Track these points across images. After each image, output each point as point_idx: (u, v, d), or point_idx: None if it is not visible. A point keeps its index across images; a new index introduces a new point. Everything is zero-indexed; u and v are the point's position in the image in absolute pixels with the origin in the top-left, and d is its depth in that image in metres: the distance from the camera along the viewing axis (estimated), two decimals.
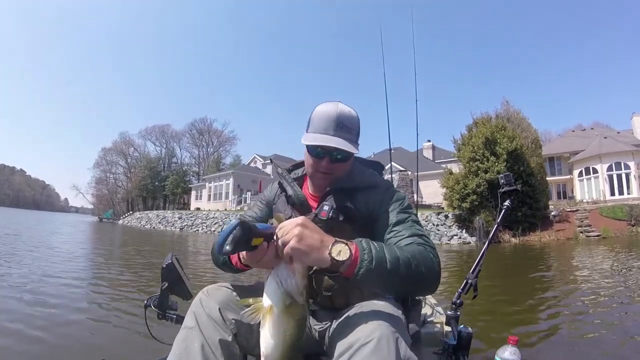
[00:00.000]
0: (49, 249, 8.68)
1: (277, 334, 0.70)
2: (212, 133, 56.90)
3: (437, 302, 1.73)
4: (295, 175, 1.13)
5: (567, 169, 26.83)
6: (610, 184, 23.04)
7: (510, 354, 1.11)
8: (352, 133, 0.97)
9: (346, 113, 0.97)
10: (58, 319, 3.01)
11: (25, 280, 4.53)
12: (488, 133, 16.29)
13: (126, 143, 57.85)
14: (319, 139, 0.94)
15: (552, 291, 4.78)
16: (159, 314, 1.14)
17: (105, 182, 57.99)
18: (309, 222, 0.74)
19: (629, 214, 15.09)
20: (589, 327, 3.04)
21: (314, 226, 0.74)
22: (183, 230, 25.92)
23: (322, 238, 0.72)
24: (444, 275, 6.20)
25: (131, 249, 10.24)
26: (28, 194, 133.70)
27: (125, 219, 41.08)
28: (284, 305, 0.70)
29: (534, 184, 16.11)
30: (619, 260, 8.00)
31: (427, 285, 0.84)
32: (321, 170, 0.99)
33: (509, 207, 1.55)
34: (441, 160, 29.03)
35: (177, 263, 1.16)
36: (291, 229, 0.71)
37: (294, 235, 0.69)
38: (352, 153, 0.97)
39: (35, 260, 6.37)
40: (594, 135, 27.43)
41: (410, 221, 0.94)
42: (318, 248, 0.70)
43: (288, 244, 0.69)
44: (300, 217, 0.74)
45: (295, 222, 0.72)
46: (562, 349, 2.57)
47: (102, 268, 6.24)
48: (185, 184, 48.72)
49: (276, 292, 0.70)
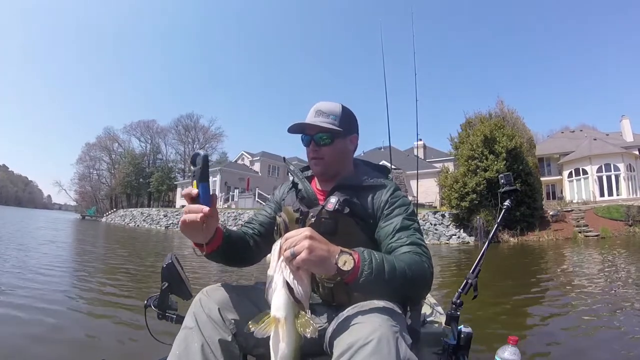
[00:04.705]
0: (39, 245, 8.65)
1: (291, 342, 0.71)
2: (199, 129, 55.71)
3: (437, 302, 1.73)
4: (306, 174, 1.18)
5: (557, 170, 27.07)
6: (600, 185, 23.43)
7: (510, 354, 1.11)
8: (329, 117, 1.05)
9: (325, 103, 1.08)
10: (58, 319, 3.00)
11: (19, 281, 4.52)
12: (487, 131, 16.29)
13: (110, 138, 56.54)
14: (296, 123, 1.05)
15: (552, 291, 4.79)
16: (159, 314, 1.13)
17: (88, 178, 56.90)
18: (315, 232, 0.76)
19: (626, 214, 15.16)
20: (590, 327, 3.05)
21: (320, 237, 0.76)
22: (169, 228, 25.40)
23: (329, 248, 0.76)
24: (444, 275, 6.25)
25: (124, 250, 10.21)
26: (10, 190, 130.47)
27: (109, 217, 40.26)
28: (295, 314, 0.72)
29: (533, 183, 16.13)
30: (620, 260, 8.02)
31: (419, 293, 0.95)
32: (310, 155, 1.08)
33: (509, 207, 1.55)
34: (432, 160, 29.07)
35: (177, 263, 1.15)
36: (300, 241, 0.73)
37: (305, 248, 0.72)
38: (329, 132, 1.04)
39: (26, 259, 6.35)
40: (583, 137, 27.81)
41: (413, 229, 0.98)
42: (327, 258, 0.74)
43: (299, 256, 0.72)
44: (307, 229, 0.77)
45: (304, 235, 0.74)
46: (562, 349, 2.57)
47: (102, 268, 6.24)
48: (170, 181, 47.83)
49: (287, 303, 0.72)
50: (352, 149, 1.13)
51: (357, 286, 0.77)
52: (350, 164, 1.15)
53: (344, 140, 1.09)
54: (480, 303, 3.42)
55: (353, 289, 0.80)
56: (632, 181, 23.29)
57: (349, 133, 1.10)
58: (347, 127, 1.08)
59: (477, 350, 2.20)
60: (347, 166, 1.14)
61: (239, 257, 1.08)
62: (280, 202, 1.18)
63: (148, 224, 28.70)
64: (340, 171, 1.11)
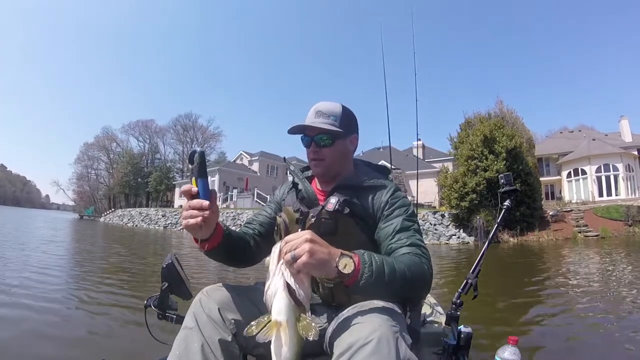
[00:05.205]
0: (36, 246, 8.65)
1: (293, 346, 0.71)
2: (197, 129, 55.43)
3: (437, 302, 1.73)
4: (307, 175, 1.18)
5: (556, 170, 27.08)
6: (599, 185, 23.49)
7: (510, 354, 1.11)
8: (329, 118, 1.05)
9: (325, 104, 1.08)
10: (57, 319, 3.00)
11: (19, 280, 4.52)
12: (487, 131, 16.29)
13: (109, 138, 56.19)
14: (297, 125, 1.04)
15: (552, 291, 4.78)
16: (159, 314, 1.13)
17: (86, 178, 56.69)
18: (315, 235, 0.76)
19: (626, 214, 15.18)
20: (590, 327, 3.05)
21: (320, 240, 0.76)
22: (167, 228, 25.22)
23: (329, 251, 0.75)
24: (445, 275, 6.24)
25: (123, 249, 10.21)
26: (8, 190, 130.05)
27: (107, 217, 40.02)
28: (296, 317, 0.72)
29: (532, 183, 16.14)
30: (620, 259, 8.02)
31: (419, 294, 0.96)
32: (311, 156, 1.08)
33: (509, 207, 1.55)
34: (431, 160, 29.08)
35: (177, 263, 1.15)
36: (301, 244, 0.73)
37: (305, 251, 0.71)
38: (330, 133, 1.04)
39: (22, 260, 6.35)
40: (582, 137, 27.82)
41: (413, 230, 0.98)
42: (328, 261, 0.74)
43: (299, 260, 0.71)
44: (307, 232, 0.77)
45: (305, 238, 0.74)
46: (562, 349, 2.57)
47: (101, 267, 6.23)
48: (169, 180, 47.58)
49: (288, 306, 0.72)
50: (352, 149, 1.13)
51: (357, 289, 0.77)
52: (351, 165, 1.15)
53: (345, 141, 1.09)
54: (480, 303, 3.42)
55: (353, 292, 0.80)
56: (630, 181, 23.33)
57: (349, 133, 1.10)
58: (347, 128, 1.07)
59: (477, 350, 2.20)
60: (348, 167, 1.14)
61: (239, 257, 1.07)
62: (280, 202, 1.19)
63: (146, 224, 28.45)
64: (340, 172, 1.11)
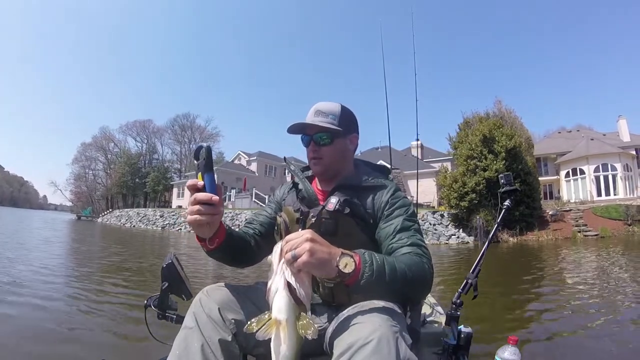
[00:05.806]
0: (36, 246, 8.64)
1: (293, 344, 0.71)
2: (195, 129, 55.27)
3: (437, 302, 1.73)
4: (307, 174, 1.18)
5: (554, 170, 27.10)
6: (597, 184, 23.55)
7: (510, 354, 1.11)
8: (328, 117, 1.05)
9: (324, 103, 1.08)
10: (57, 319, 3.00)
11: (19, 280, 4.51)
12: (486, 131, 16.28)
13: (106, 138, 56.04)
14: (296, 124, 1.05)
15: (552, 291, 4.79)
16: (159, 314, 1.13)
17: (84, 178, 56.48)
18: (316, 235, 0.76)
19: (625, 214, 15.20)
20: (590, 327, 3.05)
21: (321, 239, 0.76)
22: (165, 229, 25.21)
23: (330, 251, 0.75)
24: (445, 274, 6.24)
25: (122, 249, 10.20)
26: (6, 191, 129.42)
27: (105, 217, 39.95)
28: (296, 316, 0.72)
29: (532, 182, 16.14)
30: (619, 259, 8.03)
31: (420, 294, 0.96)
32: (310, 155, 1.08)
33: (509, 207, 1.55)
34: (429, 159, 29.05)
35: (177, 263, 1.15)
36: (301, 243, 0.73)
37: (306, 251, 0.71)
38: (329, 131, 1.04)
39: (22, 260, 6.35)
40: (580, 137, 27.83)
41: (413, 230, 0.98)
42: (328, 261, 0.74)
43: (300, 259, 0.71)
44: (308, 231, 0.76)
45: (305, 237, 0.74)
46: (562, 348, 2.58)
47: (101, 267, 6.23)
48: (166, 181, 47.37)
49: (289, 305, 0.72)
50: (352, 148, 1.13)
51: (358, 288, 0.77)
52: (351, 164, 1.15)
53: (344, 140, 1.09)
54: (480, 303, 3.43)
55: (354, 291, 0.80)
56: (629, 181, 23.39)
57: (349, 133, 1.10)
58: (346, 127, 1.08)
59: (477, 350, 2.20)
60: (348, 166, 1.14)
61: (240, 257, 1.07)
62: (280, 202, 1.18)
63: (144, 225, 28.31)
64: (340, 171, 1.11)
